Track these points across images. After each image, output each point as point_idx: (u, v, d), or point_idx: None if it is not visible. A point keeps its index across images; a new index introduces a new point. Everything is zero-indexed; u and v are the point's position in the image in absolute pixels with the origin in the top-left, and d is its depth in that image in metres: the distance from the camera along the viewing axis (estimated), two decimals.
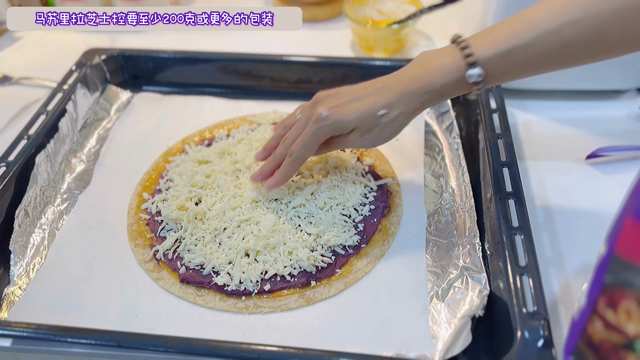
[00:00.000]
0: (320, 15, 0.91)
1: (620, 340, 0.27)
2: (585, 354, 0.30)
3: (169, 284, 0.50)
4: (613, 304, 0.27)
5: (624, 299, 0.27)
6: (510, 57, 0.45)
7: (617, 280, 0.27)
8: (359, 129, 0.50)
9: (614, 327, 0.27)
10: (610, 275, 0.27)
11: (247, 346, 0.41)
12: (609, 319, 0.28)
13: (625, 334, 0.27)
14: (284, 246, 0.51)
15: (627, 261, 0.26)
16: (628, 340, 0.27)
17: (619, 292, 0.27)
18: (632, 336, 0.27)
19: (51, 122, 0.62)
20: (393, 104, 0.49)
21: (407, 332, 0.45)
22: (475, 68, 0.46)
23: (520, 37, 0.44)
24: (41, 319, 0.45)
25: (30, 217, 0.54)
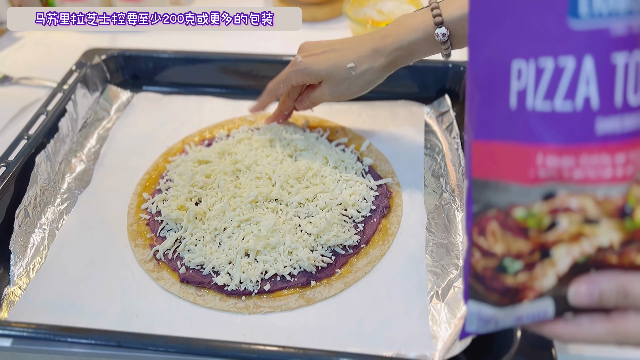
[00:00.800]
0: (320, 15, 0.91)
1: (495, 263, 0.29)
2: (476, 289, 0.30)
3: (169, 284, 0.50)
4: (482, 231, 0.29)
5: (489, 222, 0.29)
6: None
7: (481, 205, 0.29)
8: (328, 81, 0.55)
9: (487, 252, 0.29)
10: (475, 204, 0.29)
11: (247, 346, 0.41)
12: (482, 245, 0.29)
13: (496, 256, 0.29)
14: (284, 246, 0.51)
15: (482, 180, 0.28)
16: (499, 261, 0.29)
17: (484, 218, 0.29)
18: (501, 255, 0.29)
19: (51, 122, 0.62)
20: (362, 59, 0.53)
21: (407, 332, 0.45)
22: (441, 27, 0.49)
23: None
24: (41, 319, 0.45)
25: (30, 217, 0.54)
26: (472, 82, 0.28)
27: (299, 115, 0.69)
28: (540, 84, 0.26)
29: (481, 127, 0.28)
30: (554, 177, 0.26)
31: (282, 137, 0.64)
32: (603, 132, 0.25)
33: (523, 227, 0.28)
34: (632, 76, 0.25)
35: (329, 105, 0.71)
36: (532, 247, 0.28)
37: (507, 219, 0.28)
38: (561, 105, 0.25)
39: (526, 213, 0.28)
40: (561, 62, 0.25)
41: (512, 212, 0.28)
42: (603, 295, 0.28)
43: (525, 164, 0.27)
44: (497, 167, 0.28)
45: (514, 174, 0.27)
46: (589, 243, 0.27)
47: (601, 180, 0.26)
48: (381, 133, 0.66)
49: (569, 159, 0.26)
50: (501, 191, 0.28)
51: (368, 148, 0.64)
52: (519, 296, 0.29)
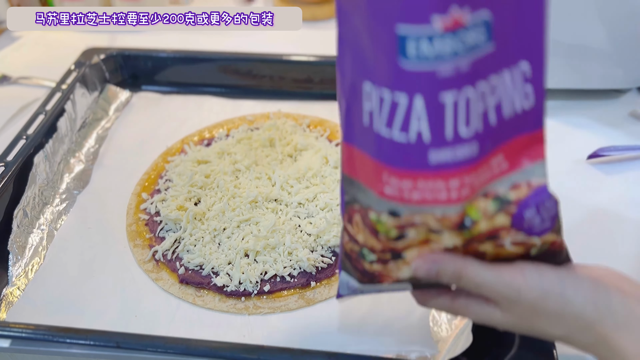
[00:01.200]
0: (320, 14, 0.90)
1: (357, 248, 0.32)
2: (345, 263, 0.34)
3: (168, 285, 0.49)
4: (350, 219, 0.32)
5: (354, 213, 0.31)
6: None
7: (349, 197, 0.31)
8: None
9: (353, 238, 0.32)
10: (346, 195, 0.32)
11: (247, 347, 0.41)
12: (350, 231, 0.32)
13: (358, 244, 0.32)
14: (284, 247, 0.51)
15: (349, 177, 0.31)
16: (360, 248, 0.32)
17: (351, 209, 0.31)
18: (361, 244, 0.32)
19: (50, 122, 0.62)
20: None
21: (407, 332, 0.44)
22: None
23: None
24: (40, 320, 0.45)
25: (28, 218, 0.54)
26: (340, 89, 0.30)
27: (299, 115, 0.69)
28: (382, 112, 0.27)
29: (345, 131, 0.31)
30: (397, 197, 0.28)
31: (282, 137, 0.64)
32: (436, 162, 0.26)
33: (375, 229, 0.30)
34: (462, 111, 0.26)
35: (329, 105, 0.71)
36: (383, 248, 0.31)
37: (365, 218, 0.30)
38: (398, 135, 0.26)
39: (376, 218, 0.29)
40: (396, 96, 0.26)
41: (368, 213, 0.30)
42: (439, 274, 0.30)
43: (376, 177, 0.28)
44: (358, 170, 0.30)
45: (370, 182, 0.29)
46: (437, 245, 0.30)
47: (437, 202, 0.27)
48: None
49: (408, 182, 0.27)
50: (362, 192, 0.30)
51: None
52: (378, 279, 0.33)
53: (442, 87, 0.25)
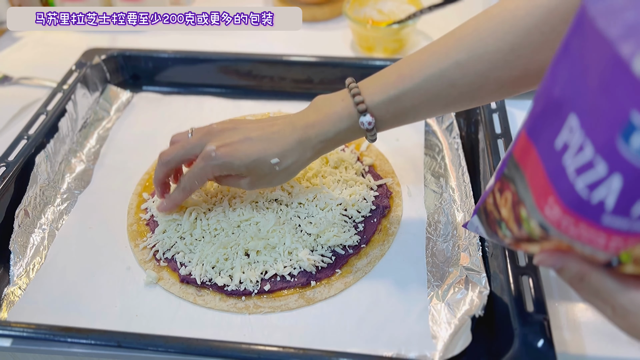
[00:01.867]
0: (320, 15, 0.91)
1: (497, 216, 0.34)
2: (481, 215, 0.37)
3: (169, 284, 0.50)
4: (502, 190, 0.33)
5: (507, 189, 0.32)
6: (399, 102, 0.45)
7: (509, 174, 0.32)
8: (249, 174, 0.48)
9: (497, 205, 0.34)
10: (507, 169, 0.32)
11: (247, 346, 0.41)
12: (496, 199, 0.34)
13: (500, 214, 0.34)
14: (284, 246, 0.51)
15: (517, 163, 0.31)
16: (500, 218, 0.34)
17: (507, 183, 0.32)
18: (501, 217, 0.34)
19: (51, 122, 0.62)
20: (287, 153, 0.47)
21: (407, 332, 0.45)
22: (366, 115, 0.45)
23: (407, 82, 0.44)
24: (41, 319, 0.45)
25: (30, 217, 0.54)
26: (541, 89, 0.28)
27: None
28: (576, 157, 0.25)
29: (532, 128, 0.29)
30: (554, 221, 0.28)
31: None
32: (608, 225, 0.25)
33: (521, 222, 0.31)
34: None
35: None
36: (520, 236, 0.32)
37: (517, 206, 0.31)
38: (581, 187, 0.25)
39: (526, 218, 0.30)
40: (596, 159, 0.24)
41: (520, 205, 0.30)
42: (562, 270, 0.31)
43: (542, 192, 0.28)
44: (528, 167, 0.30)
45: (533, 188, 0.29)
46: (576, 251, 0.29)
47: (592, 243, 0.27)
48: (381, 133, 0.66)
49: (569, 219, 0.27)
50: (523, 185, 0.30)
51: (368, 148, 0.64)
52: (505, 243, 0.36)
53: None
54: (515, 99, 0.70)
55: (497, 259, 0.46)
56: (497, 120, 0.59)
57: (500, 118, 0.59)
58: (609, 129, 0.23)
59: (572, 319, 0.45)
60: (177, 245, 0.52)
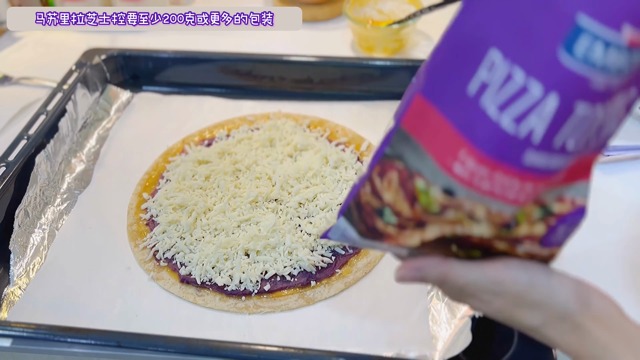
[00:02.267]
0: (320, 15, 0.91)
1: (377, 205, 0.31)
2: (352, 213, 0.33)
3: (169, 284, 0.50)
4: (382, 173, 0.30)
5: (391, 170, 0.30)
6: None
7: (394, 152, 0.30)
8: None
9: (377, 192, 0.31)
10: (390, 148, 0.30)
11: (247, 346, 0.41)
12: (376, 185, 0.31)
13: (381, 200, 0.30)
14: (284, 246, 0.51)
15: (407, 133, 0.29)
16: (382, 206, 0.30)
17: (390, 164, 0.30)
18: (385, 203, 0.30)
19: (51, 122, 0.62)
20: None
21: (407, 332, 0.45)
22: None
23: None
24: (41, 319, 0.45)
25: (30, 217, 0.54)
26: (446, 40, 0.27)
27: (299, 115, 0.69)
28: (501, 91, 0.24)
29: (431, 87, 0.28)
30: (464, 179, 0.26)
31: (282, 137, 0.64)
32: (528, 164, 0.25)
33: (414, 197, 0.28)
34: (583, 128, 0.25)
35: (329, 105, 0.71)
36: (412, 216, 0.29)
37: (408, 181, 0.29)
38: (507, 123, 0.24)
39: (424, 188, 0.28)
40: (530, 83, 0.23)
41: (415, 178, 0.28)
42: (424, 279, 0.32)
43: (448, 150, 0.26)
44: (425, 132, 0.28)
45: (435, 150, 0.27)
46: (462, 229, 0.29)
47: (502, 198, 0.26)
48: (381, 133, 0.66)
49: (485, 170, 0.26)
50: (417, 156, 0.28)
51: (368, 148, 0.64)
52: (382, 239, 0.32)
53: (584, 97, 0.23)
54: None
55: None
56: None
57: None
58: (547, 46, 0.23)
59: None
60: (177, 245, 0.52)
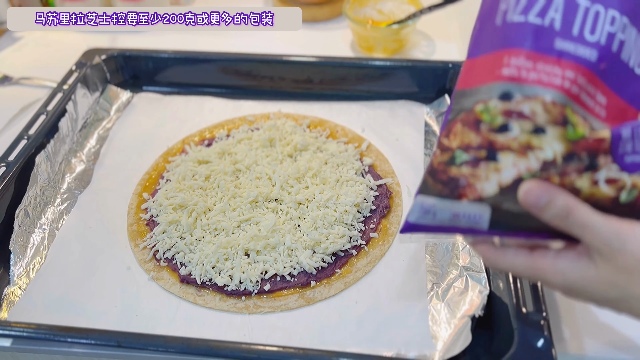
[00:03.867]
0: (320, 15, 0.91)
1: (448, 156, 0.33)
2: (427, 182, 0.34)
3: (169, 284, 0.50)
4: (448, 133, 0.33)
5: (456, 124, 0.33)
6: None
7: (455, 112, 0.33)
8: None
9: (446, 147, 0.33)
10: (451, 113, 0.34)
11: (247, 346, 0.41)
12: (444, 143, 0.33)
13: (451, 149, 0.33)
14: (284, 246, 0.51)
15: (461, 89, 0.34)
16: (452, 153, 0.33)
17: (453, 122, 0.33)
18: (454, 148, 0.33)
19: (51, 122, 0.62)
20: None
21: (407, 332, 0.45)
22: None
23: None
24: (41, 319, 0.45)
25: (30, 217, 0.54)
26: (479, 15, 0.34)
27: (299, 115, 0.69)
28: (520, 1, 0.31)
29: (473, 47, 0.34)
30: (514, 76, 0.31)
31: (282, 137, 0.64)
32: (559, 48, 0.30)
33: (478, 120, 0.32)
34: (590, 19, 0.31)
35: (329, 105, 0.71)
36: (481, 142, 0.31)
37: (469, 116, 0.32)
38: (533, 18, 0.31)
39: (483, 107, 0.31)
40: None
41: (474, 107, 0.32)
42: (548, 206, 0.29)
43: (495, 66, 0.31)
44: (474, 76, 0.33)
45: (485, 77, 0.32)
46: (535, 158, 0.30)
47: (551, 85, 0.30)
48: (381, 133, 0.66)
49: (529, 63, 0.31)
50: (471, 95, 0.32)
51: (368, 148, 0.64)
52: (460, 192, 0.32)
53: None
54: None
55: None
56: None
57: None
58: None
59: (572, 318, 0.45)
60: (177, 245, 0.52)
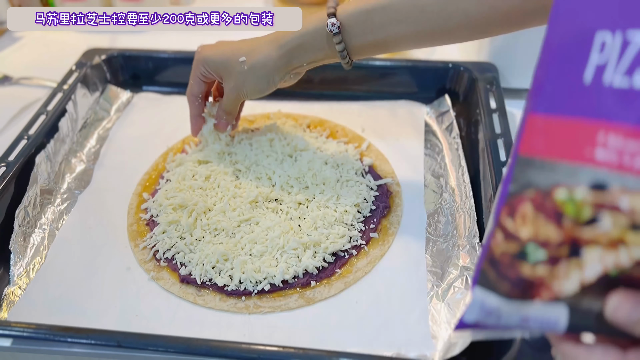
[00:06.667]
0: None
1: (516, 248, 0.27)
2: (487, 275, 0.28)
3: (169, 284, 0.50)
4: (512, 212, 0.27)
5: (522, 203, 0.27)
6: (369, 17, 0.47)
7: (519, 185, 0.27)
8: (224, 75, 0.53)
9: (511, 235, 0.27)
10: (513, 183, 0.27)
11: (247, 346, 0.41)
12: (508, 228, 0.27)
13: (520, 240, 0.27)
14: (284, 246, 0.51)
15: (529, 157, 0.27)
16: (521, 246, 0.26)
17: (519, 198, 0.27)
18: (525, 240, 0.26)
19: (51, 122, 0.62)
20: (254, 51, 0.51)
21: (407, 332, 0.45)
22: (332, 18, 0.47)
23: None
24: (41, 319, 0.45)
25: (30, 217, 0.54)
26: (546, 52, 0.27)
27: (299, 115, 0.69)
28: (622, 58, 0.24)
29: (544, 100, 0.27)
30: (612, 163, 0.24)
31: (282, 137, 0.64)
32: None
33: (559, 212, 0.25)
34: None
35: (329, 105, 0.71)
36: (562, 239, 0.25)
37: (545, 200, 0.26)
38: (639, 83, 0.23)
39: (567, 196, 0.25)
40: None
41: (553, 192, 0.25)
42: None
43: (583, 141, 0.24)
44: (549, 143, 0.26)
45: (567, 152, 0.25)
46: (627, 254, 0.24)
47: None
48: (381, 133, 0.66)
49: (635, 144, 0.23)
50: (547, 170, 0.26)
51: (368, 148, 0.64)
52: (532, 292, 0.26)
53: None
54: (515, 99, 0.70)
55: None
56: (497, 121, 0.59)
57: (500, 118, 0.60)
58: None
59: None
60: (177, 245, 0.52)
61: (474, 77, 0.67)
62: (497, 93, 0.63)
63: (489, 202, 0.51)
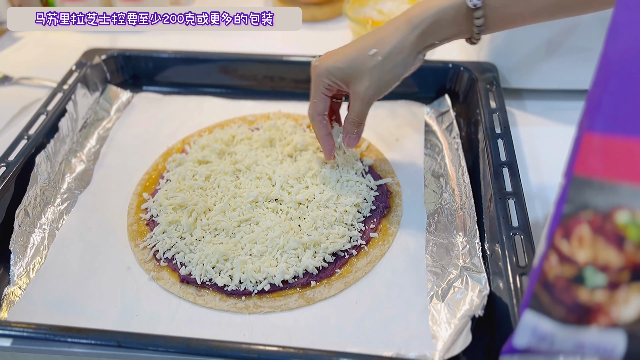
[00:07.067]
0: (320, 15, 0.91)
1: (573, 271, 0.26)
2: (540, 299, 0.27)
3: (169, 284, 0.50)
4: (568, 234, 0.26)
5: (578, 225, 0.26)
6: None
7: (575, 206, 0.26)
8: (354, 78, 0.48)
9: (567, 258, 0.26)
10: (568, 204, 0.26)
11: (247, 346, 0.41)
12: (563, 250, 0.26)
13: (577, 264, 0.26)
14: (284, 246, 0.51)
15: (585, 178, 0.26)
16: (578, 270, 0.26)
17: (574, 220, 0.26)
18: (582, 264, 0.26)
19: (51, 122, 0.62)
20: (384, 40, 0.46)
21: (407, 332, 0.45)
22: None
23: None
24: (41, 319, 0.45)
25: (30, 217, 0.54)
26: (604, 68, 0.26)
27: (299, 115, 0.69)
28: None
29: (603, 119, 0.25)
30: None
31: (282, 137, 0.64)
32: None
33: (621, 236, 0.24)
34: None
35: None
36: (623, 263, 0.25)
37: (605, 223, 0.25)
38: None
39: (630, 219, 0.24)
40: None
41: (614, 215, 0.25)
42: None
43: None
44: (610, 164, 0.25)
45: (630, 173, 0.24)
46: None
47: None
48: (381, 133, 0.66)
49: None
50: (607, 192, 0.25)
51: (368, 148, 0.64)
52: (589, 318, 0.26)
53: None
54: (515, 99, 0.70)
55: (497, 259, 0.46)
56: (497, 120, 0.59)
57: (500, 118, 0.60)
58: None
59: None
60: (177, 245, 0.52)
61: (474, 77, 0.67)
62: (497, 93, 0.63)
63: (489, 202, 0.51)
